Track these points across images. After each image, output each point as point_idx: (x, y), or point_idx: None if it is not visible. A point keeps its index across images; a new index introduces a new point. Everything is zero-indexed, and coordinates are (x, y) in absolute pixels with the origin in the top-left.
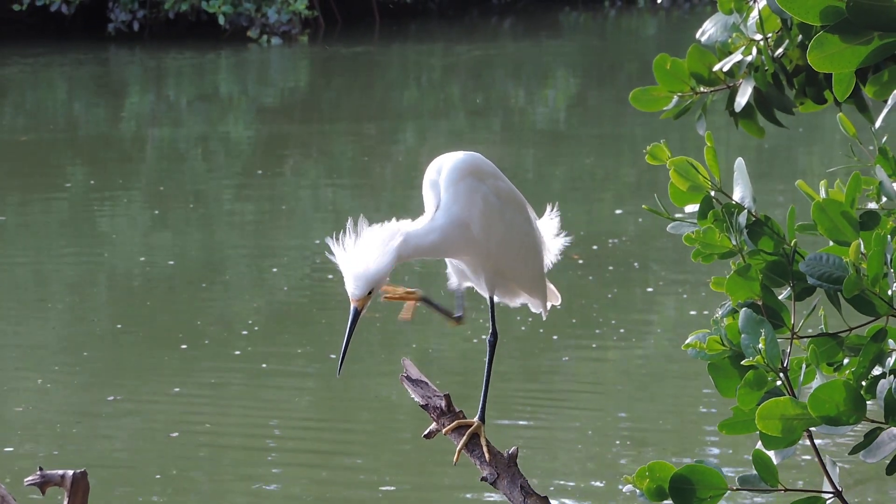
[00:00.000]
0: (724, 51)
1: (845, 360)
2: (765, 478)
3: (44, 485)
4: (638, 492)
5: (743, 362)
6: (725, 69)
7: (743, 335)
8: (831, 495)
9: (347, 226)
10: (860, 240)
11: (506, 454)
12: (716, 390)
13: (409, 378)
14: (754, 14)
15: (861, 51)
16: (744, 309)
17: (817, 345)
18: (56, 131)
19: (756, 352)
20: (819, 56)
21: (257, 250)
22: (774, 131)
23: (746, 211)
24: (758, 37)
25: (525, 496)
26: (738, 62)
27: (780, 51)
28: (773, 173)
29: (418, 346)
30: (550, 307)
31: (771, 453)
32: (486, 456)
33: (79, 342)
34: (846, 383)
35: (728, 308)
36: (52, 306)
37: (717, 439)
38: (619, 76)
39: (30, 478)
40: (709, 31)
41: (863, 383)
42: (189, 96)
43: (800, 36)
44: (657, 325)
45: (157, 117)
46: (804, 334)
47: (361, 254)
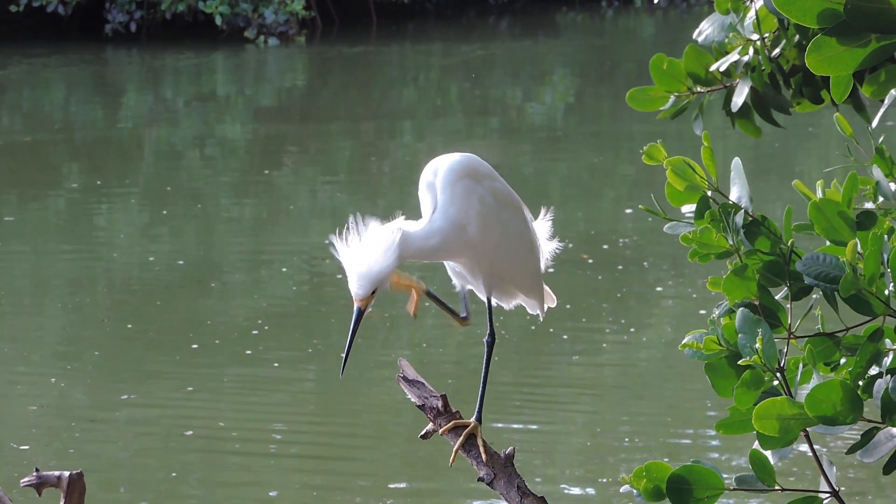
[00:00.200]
0: (721, 51)
1: (842, 360)
2: (762, 478)
3: (40, 486)
4: (635, 492)
5: (740, 362)
6: (722, 69)
7: (740, 335)
8: (828, 495)
9: (350, 225)
10: (857, 239)
11: (503, 454)
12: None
13: (405, 378)
14: (751, 14)
15: (859, 53)
16: (740, 309)
17: (814, 344)
18: (54, 132)
19: (753, 351)
20: (817, 59)
21: (256, 250)
22: (771, 131)
23: (743, 211)
24: (754, 37)
25: (522, 496)
26: (734, 62)
27: (777, 51)
28: (770, 173)
29: (416, 346)
30: (547, 309)
31: (768, 453)
32: (483, 456)
33: (90, 342)
34: (843, 383)
35: (725, 308)
36: (62, 306)
37: (714, 440)
38: (616, 76)
39: (26, 479)
40: (706, 30)
41: (860, 383)
42: (186, 97)
43: (796, 36)
44: (663, 324)
45: (154, 118)
46: (801, 334)
47: (365, 253)
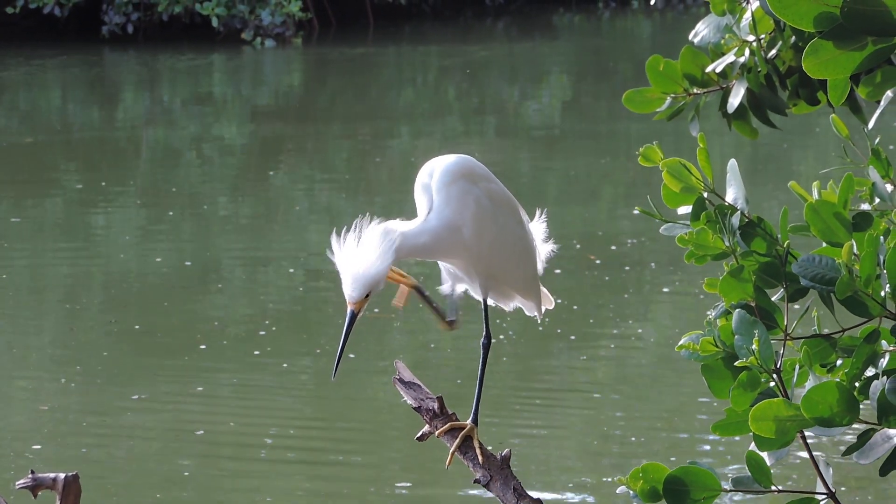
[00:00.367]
0: (717, 52)
1: (838, 362)
2: (758, 479)
3: (35, 488)
4: (632, 493)
5: (736, 363)
6: (718, 70)
7: (736, 336)
8: (825, 496)
9: (344, 228)
10: (853, 241)
11: (499, 456)
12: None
13: (401, 381)
14: (747, 16)
15: (856, 56)
16: (737, 310)
17: (810, 346)
18: (52, 133)
19: (749, 353)
20: (814, 62)
21: (254, 251)
22: (767, 132)
23: (739, 212)
24: (751, 38)
25: (518, 498)
26: (730, 63)
27: (773, 52)
28: (766, 174)
29: (412, 348)
30: (545, 311)
31: (764, 454)
32: (480, 458)
33: (98, 343)
34: (839, 384)
35: (721, 309)
36: (69, 307)
37: (711, 441)
38: (613, 77)
39: (21, 481)
40: (702, 32)
41: (856, 384)
42: (183, 98)
43: (793, 37)
44: (669, 325)
45: (151, 119)
46: (797, 335)
47: (360, 256)
